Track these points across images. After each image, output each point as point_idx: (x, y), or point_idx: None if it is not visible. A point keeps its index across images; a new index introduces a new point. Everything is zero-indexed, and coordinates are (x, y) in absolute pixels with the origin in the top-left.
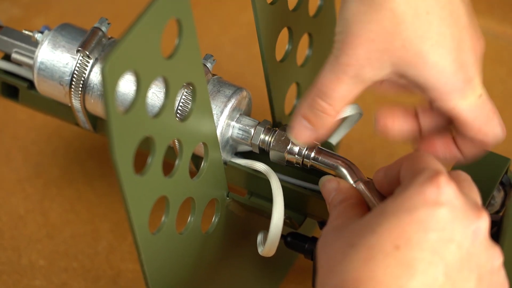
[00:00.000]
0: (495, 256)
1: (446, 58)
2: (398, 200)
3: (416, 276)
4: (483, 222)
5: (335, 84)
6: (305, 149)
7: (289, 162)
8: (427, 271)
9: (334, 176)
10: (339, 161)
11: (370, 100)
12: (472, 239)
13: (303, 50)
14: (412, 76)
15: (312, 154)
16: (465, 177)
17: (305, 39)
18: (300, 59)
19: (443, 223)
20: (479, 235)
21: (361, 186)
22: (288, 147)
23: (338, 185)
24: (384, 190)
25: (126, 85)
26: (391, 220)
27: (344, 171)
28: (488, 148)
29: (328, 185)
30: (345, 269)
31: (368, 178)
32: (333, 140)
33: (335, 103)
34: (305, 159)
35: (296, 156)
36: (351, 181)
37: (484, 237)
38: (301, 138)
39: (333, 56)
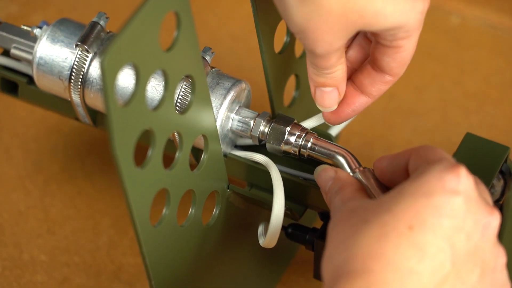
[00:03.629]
0: (499, 255)
1: (400, 2)
2: (416, 183)
3: (425, 259)
4: (495, 220)
5: (326, 61)
6: (301, 138)
7: (285, 153)
8: (436, 256)
9: (331, 165)
10: (336, 150)
11: None
12: (481, 233)
13: None
14: (376, 30)
15: (309, 144)
16: (479, 180)
17: None
18: (298, 51)
19: (457, 212)
20: (488, 231)
21: (359, 176)
22: (285, 138)
23: (336, 173)
24: (386, 179)
25: (126, 79)
26: (408, 201)
27: (342, 160)
28: (388, 86)
29: (324, 174)
30: (356, 244)
31: (365, 167)
32: (333, 132)
33: (336, 65)
34: (302, 149)
35: (292, 146)
36: (349, 170)
37: (493, 234)
38: (328, 103)
39: (308, 51)
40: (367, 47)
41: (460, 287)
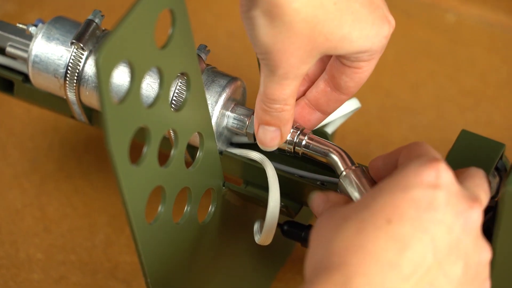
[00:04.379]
0: (483, 250)
1: (366, 27)
2: (394, 179)
3: (405, 251)
4: (475, 213)
5: (280, 89)
6: (296, 136)
7: (280, 150)
8: (416, 248)
9: (326, 163)
10: (331, 148)
11: (364, 89)
12: (462, 227)
13: None
14: (341, 54)
15: (304, 142)
16: (476, 173)
17: None
18: None
19: (436, 205)
20: (469, 224)
21: (352, 175)
22: None
23: (327, 197)
24: (381, 178)
25: (121, 76)
26: (386, 197)
27: (335, 158)
28: (341, 104)
29: (316, 199)
30: (334, 239)
31: (359, 164)
32: (329, 130)
33: (287, 101)
34: (296, 147)
35: (287, 143)
36: (342, 168)
37: (475, 228)
38: (269, 142)
39: (268, 71)
40: (326, 62)
41: (442, 279)
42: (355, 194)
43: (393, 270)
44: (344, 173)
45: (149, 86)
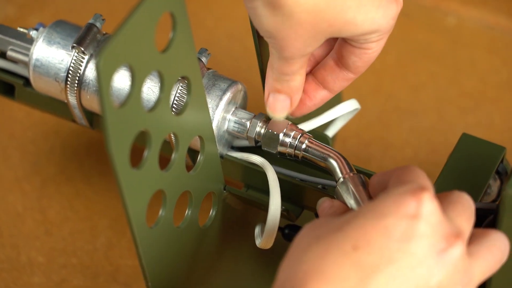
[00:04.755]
0: (460, 284)
1: (371, 10)
2: (373, 204)
3: (367, 282)
4: (456, 250)
5: (289, 66)
6: (296, 140)
7: (281, 154)
8: (379, 279)
9: (324, 167)
10: (330, 154)
11: (366, 92)
12: (436, 260)
13: None
14: (347, 36)
15: (303, 146)
16: (458, 199)
17: None
18: None
19: (410, 236)
20: (445, 258)
21: (349, 182)
22: (280, 139)
23: (332, 203)
24: (376, 195)
25: (121, 80)
26: (359, 221)
27: (334, 163)
28: (349, 82)
29: (323, 204)
30: (302, 259)
31: (357, 171)
32: (330, 133)
33: (295, 72)
34: (296, 151)
35: (287, 147)
36: (340, 175)
37: (451, 262)
38: (279, 110)
39: (275, 52)
40: (333, 42)
41: None
42: (351, 201)
43: None
44: (341, 179)
45: (150, 90)
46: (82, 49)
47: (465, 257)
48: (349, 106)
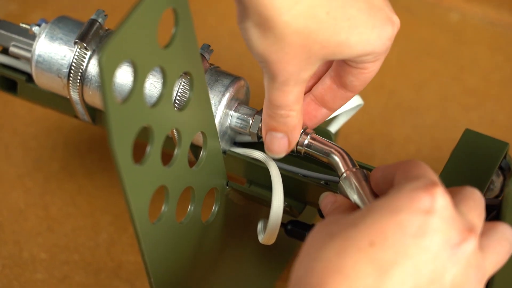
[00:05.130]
0: (474, 278)
1: (365, 31)
2: (387, 200)
3: (385, 278)
4: (469, 245)
5: (283, 96)
6: (299, 136)
7: None
8: (397, 275)
9: (327, 163)
10: (333, 149)
11: (369, 88)
12: (449, 255)
13: None
14: (342, 58)
15: (306, 141)
16: (471, 194)
17: None
18: None
19: (425, 231)
20: (458, 254)
21: (352, 177)
22: None
23: (335, 198)
24: (379, 189)
25: (124, 76)
26: (374, 217)
27: (337, 159)
28: (348, 101)
29: (325, 199)
30: (318, 257)
31: (360, 166)
32: (332, 129)
33: (292, 107)
34: (298, 146)
35: None
36: (343, 170)
37: (464, 257)
38: (277, 149)
39: (269, 78)
40: (331, 61)
41: None
42: (354, 197)
43: None
44: (344, 174)
45: (153, 85)
46: (85, 45)
47: (477, 252)
48: (353, 101)
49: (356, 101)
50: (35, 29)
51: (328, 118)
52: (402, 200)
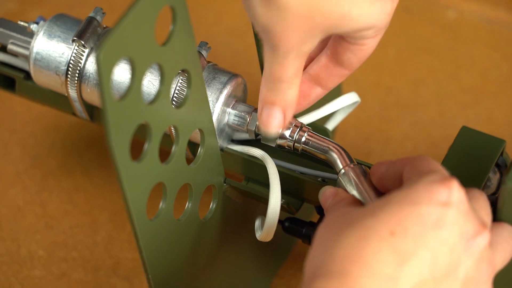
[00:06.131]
0: (483, 273)
1: (367, 5)
2: (405, 192)
3: (404, 267)
4: (483, 239)
5: (283, 69)
6: (296, 132)
7: (280, 147)
8: (416, 264)
9: (324, 160)
10: (330, 146)
11: (366, 86)
12: (466, 249)
13: None
14: (343, 32)
15: (303, 138)
16: (480, 195)
17: None
18: None
19: (443, 223)
20: (473, 247)
21: (350, 173)
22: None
23: (336, 191)
24: (383, 185)
25: (122, 74)
26: (393, 208)
27: (335, 155)
28: (343, 79)
29: (326, 193)
30: (337, 246)
31: (358, 162)
32: (329, 126)
33: (291, 80)
34: (296, 143)
35: (287, 140)
36: (341, 166)
37: (478, 251)
38: (271, 125)
39: (270, 49)
40: (327, 39)
41: None
42: (353, 192)
43: (389, 285)
44: (343, 170)
45: (150, 83)
46: (83, 42)
47: (488, 247)
48: (349, 99)
49: (353, 98)
50: (33, 27)
51: (324, 115)
52: (420, 192)
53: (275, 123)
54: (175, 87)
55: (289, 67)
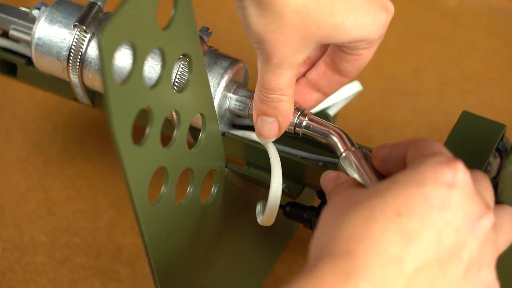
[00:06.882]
0: (487, 255)
1: (361, 16)
2: (411, 173)
3: (409, 247)
4: (486, 220)
5: (276, 79)
6: (297, 117)
7: None
8: (421, 244)
9: (325, 144)
10: (331, 129)
11: (366, 73)
12: (470, 230)
13: None
14: (337, 42)
15: (304, 122)
16: (483, 177)
17: None
18: None
19: (448, 204)
20: (477, 229)
21: (351, 156)
22: None
23: (338, 175)
24: (385, 168)
25: (123, 59)
26: (399, 188)
27: (335, 139)
28: (342, 86)
29: (327, 177)
30: (343, 225)
31: (358, 146)
32: (331, 112)
33: (284, 91)
34: (296, 128)
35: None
36: (342, 150)
37: (482, 233)
38: (267, 133)
39: (263, 60)
40: (326, 45)
41: (442, 279)
42: (355, 176)
43: (395, 264)
44: (343, 154)
45: (152, 68)
46: (84, 27)
47: (492, 230)
48: (353, 88)
49: (355, 87)
50: (35, 12)
51: (325, 106)
52: (426, 173)
53: (270, 133)
54: (177, 72)
55: (281, 78)
